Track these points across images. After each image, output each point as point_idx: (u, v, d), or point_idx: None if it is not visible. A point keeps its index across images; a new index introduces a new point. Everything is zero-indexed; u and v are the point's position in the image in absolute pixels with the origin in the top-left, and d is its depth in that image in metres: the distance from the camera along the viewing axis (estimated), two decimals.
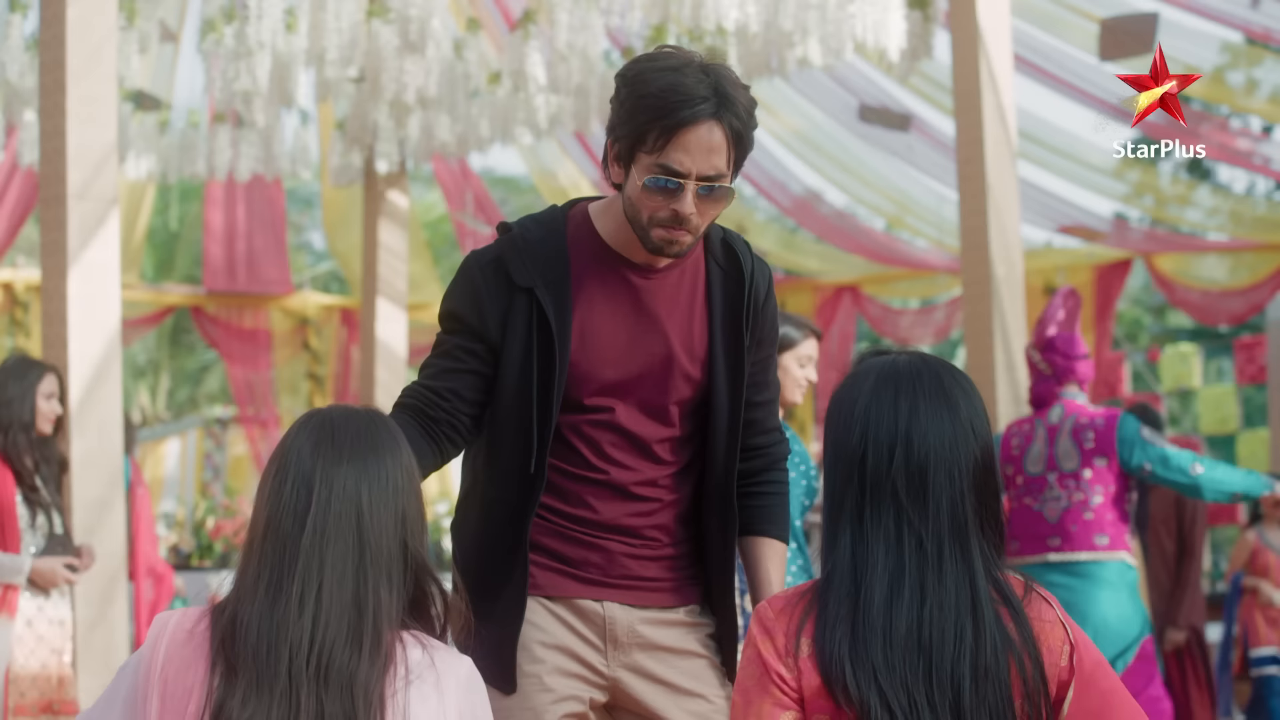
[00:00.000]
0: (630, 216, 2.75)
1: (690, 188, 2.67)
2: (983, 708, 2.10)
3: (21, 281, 11.31)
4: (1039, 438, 5.57)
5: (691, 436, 2.89)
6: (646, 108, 2.66)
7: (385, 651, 2.08)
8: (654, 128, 2.65)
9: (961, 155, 7.11)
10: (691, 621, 2.90)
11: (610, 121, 2.76)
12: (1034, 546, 5.52)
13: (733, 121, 2.67)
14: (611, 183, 2.81)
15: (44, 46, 5.97)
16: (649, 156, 2.67)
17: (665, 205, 2.69)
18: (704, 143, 2.66)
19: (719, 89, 2.66)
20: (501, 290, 2.79)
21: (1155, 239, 11.18)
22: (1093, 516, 5.43)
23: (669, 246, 2.74)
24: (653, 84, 2.66)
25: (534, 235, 2.82)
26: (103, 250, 5.88)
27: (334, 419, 2.20)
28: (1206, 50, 9.39)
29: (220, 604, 2.12)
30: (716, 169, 2.68)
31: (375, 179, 10.77)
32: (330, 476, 2.13)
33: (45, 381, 5.35)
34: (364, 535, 2.12)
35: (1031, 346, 5.69)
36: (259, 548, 2.13)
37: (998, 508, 2.21)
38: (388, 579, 2.11)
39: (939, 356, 2.30)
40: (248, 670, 2.03)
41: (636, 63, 2.74)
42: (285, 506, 2.13)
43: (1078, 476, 5.45)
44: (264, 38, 7.56)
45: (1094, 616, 5.36)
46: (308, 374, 12.49)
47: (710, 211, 2.73)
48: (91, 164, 5.88)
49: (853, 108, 10.28)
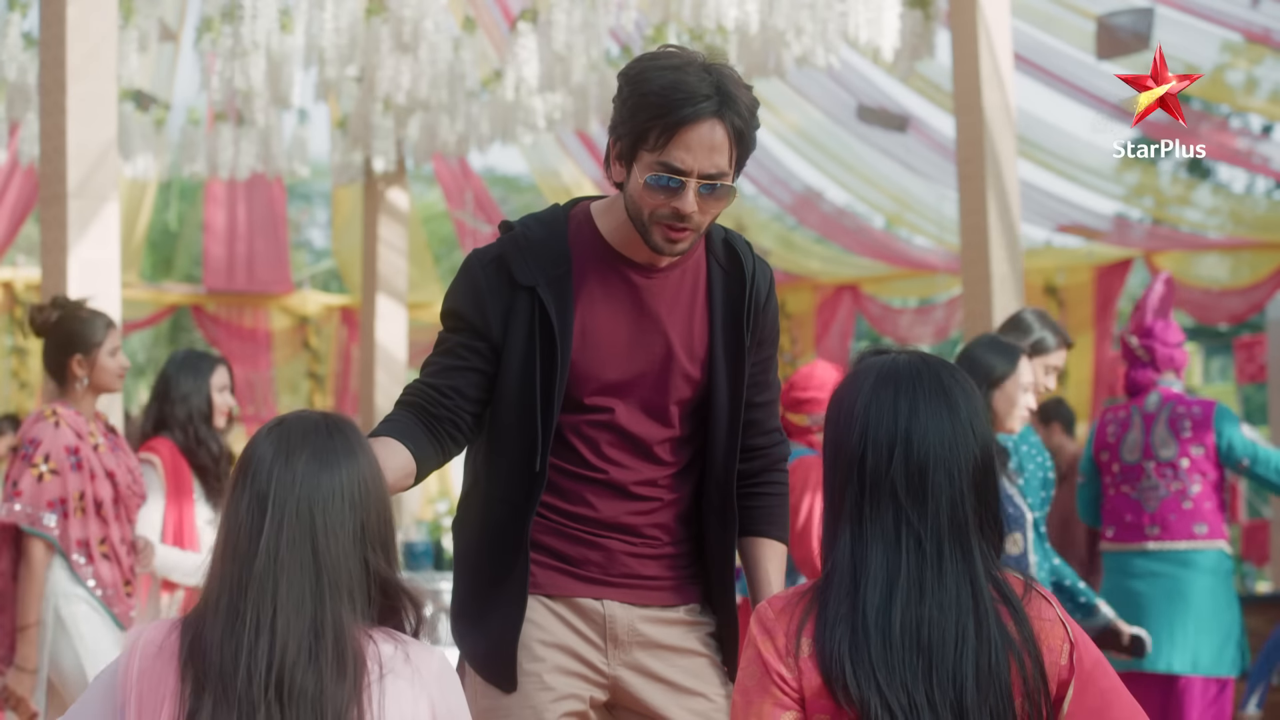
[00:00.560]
0: (632, 214, 2.75)
1: (692, 186, 2.68)
2: (984, 707, 2.10)
3: (21, 280, 11.31)
4: (1135, 425, 5.53)
5: (691, 437, 2.89)
6: (648, 106, 2.66)
7: (355, 666, 2.06)
8: (656, 126, 2.66)
9: (961, 155, 7.11)
10: (692, 620, 2.90)
11: (612, 120, 2.77)
12: (1131, 535, 5.50)
13: (734, 120, 2.68)
14: (613, 181, 2.81)
15: (44, 45, 5.98)
16: (651, 154, 2.68)
17: (667, 203, 2.69)
18: (706, 141, 2.66)
19: (721, 87, 2.67)
20: (503, 288, 2.79)
21: (1156, 237, 11.18)
22: (1191, 505, 5.42)
23: (670, 245, 2.74)
24: (655, 82, 2.67)
25: (536, 234, 2.82)
26: (102, 249, 5.88)
27: (291, 433, 2.17)
28: (1206, 48, 9.39)
29: (189, 617, 2.11)
30: (718, 167, 2.68)
31: (375, 178, 10.78)
32: (284, 498, 2.11)
33: (217, 374, 5.28)
34: (320, 558, 2.09)
35: (1129, 333, 5.63)
36: (219, 567, 2.12)
37: (997, 507, 2.22)
38: (349, 599, 2.09)
39: (939, 356, 2.30)
40: (213, 687, 2.04)
41: (639, 61, 2.74)
42: (241, 525, 2.12)
43: (1175, 465, 5.43)
44: (259, 38, 7.57)
45: (1194, 605, 5.36)
46: (308, 373, 12.49)
47: (712, 210, 2.73)
48: (91, 162, 5.88)
49: (851, 107, 10.28)
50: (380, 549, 2.15)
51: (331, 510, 2.12)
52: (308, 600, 2.07)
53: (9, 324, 11.28)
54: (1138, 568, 5.46)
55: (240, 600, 2.07)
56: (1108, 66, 8.41)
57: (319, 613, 2.07)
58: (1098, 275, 10.86)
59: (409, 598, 2.19)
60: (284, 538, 2.09)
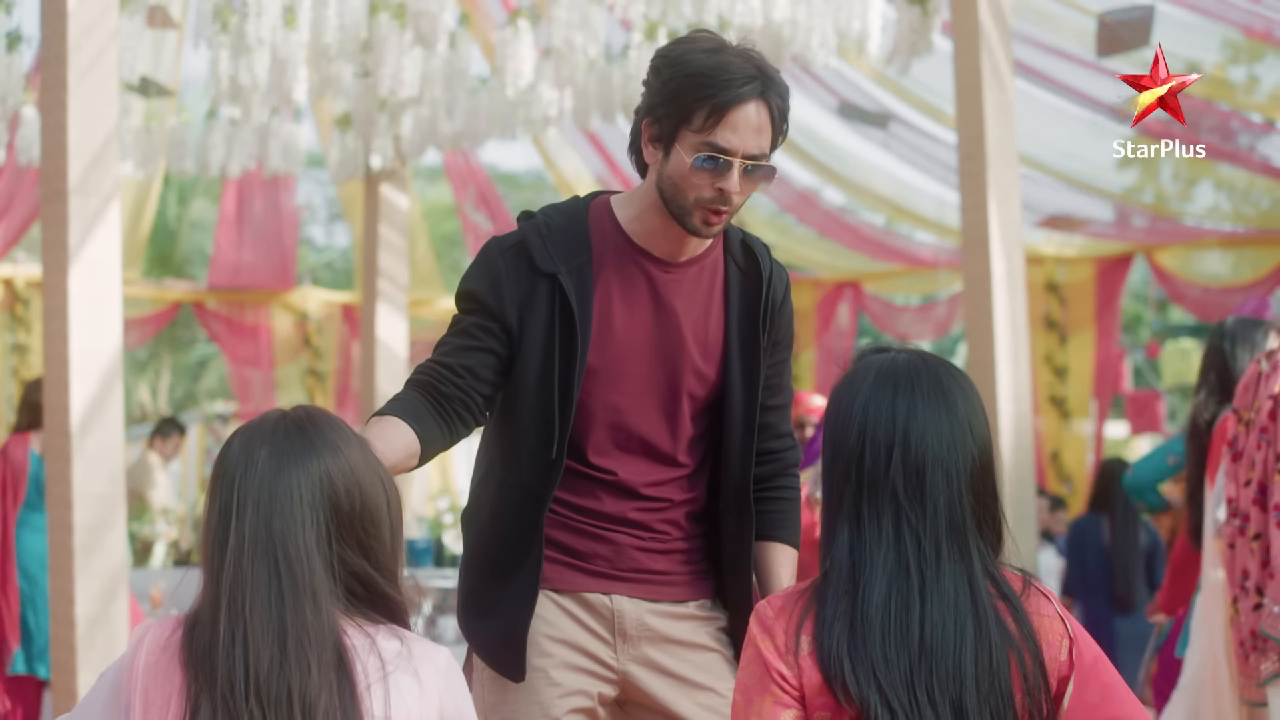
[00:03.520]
0: (668, 196, 2.75)
1: (737, 166, 2.69)
2: (984, 704, 2.10)
3: (22, 277, 11.31)
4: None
5: (703, 437, 2.89)
6: (695, 85, 2.67)
7: (338, 667, 2.05)
8: (703, 106, 2.67)
9: (963, 152, 7.11)
10: (704, 615, 2.90)
11: (648, 102, 2.76)
12: None
13: (776, 101, 2.70)
14: (642, 165, 2.80)
15: (44, 41, 5.97)
16: (697, 135, 2.69)
17: (711, 184, 2.70)
18: (752, 122, 2.68)
19: (762, 69, 2.69)
20: (523, 275, 2.78)
21: (1157, 233, 11.18)
22: None
23: (708, 228, 2.75)
24: (699, 64, 2.67)
25: (557, 222, 2.82)
26: (104, 246, 5.88)
27: (253, 437, 2.14)
28: (1206, 48, 9.39)
29: (189, 615, 2.11)
30: (761, 148, 2.70)
31: (375, 175, 10.78)
32: (244, 506, 2.08)
33: None
34: (283, 565, 2.06)
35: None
36: (203, 572, 2.11)
37: (996, 507, 2.22)
38: (318, 600, 2.06)
39: (938, 355, 2.30)
40: (208, 691, 2.04)
41: (678, 44, 2.75)
42: (212, 534, 2.10)
43: None
44: (264, 34, 7.56)
45: None
46: (309, 370, 12.49)
47: (750, 190, 2.74)
48: (92, 159, 5.88)
49: (832, 106, 10.27)
50: (356, 545, 2.11)
51: (293, 513, 2.08)
52: (275, 607, 2.05)
53: (10, 321, 11.27)
54: None
55: (216, 607, 2.06)
56: (1107, 65, 8.41)
57: (288, 618, 2.04)
58: (1098, 272, 10.87)
59: (393, 586, 2.14)
60: (246, 549, 2.06)
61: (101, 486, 5.80)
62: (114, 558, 5.84)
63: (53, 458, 5.79)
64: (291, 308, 12.47)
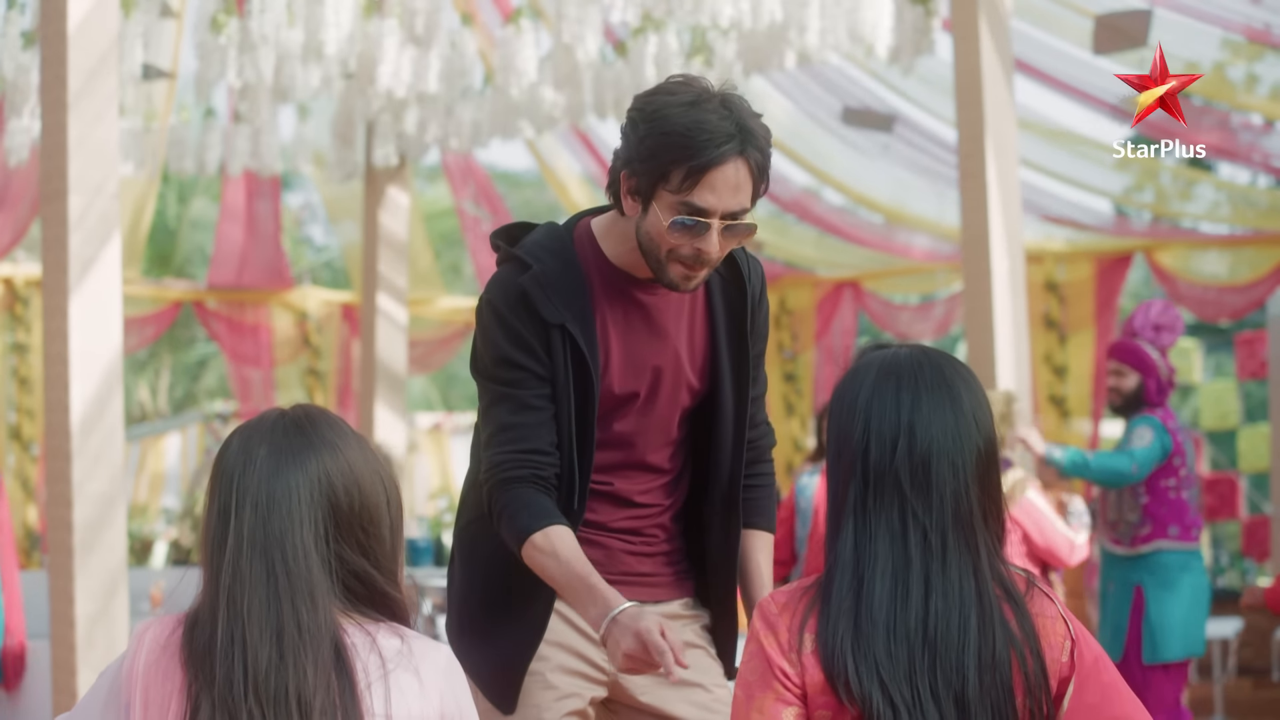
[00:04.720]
0: (646, 250, 2.71)
1: (715, 226, 2.64)
2: (985, 700, 2.10)
3: (22, 277, 11.29)
4: None
5: (686, 440, 2.89)
6: (671, 146, 2.61)
7: (338, 667, 2.04)
8: (679, 168, 2.61)
9: (962, 151, 7.12)
10: (688, 614, 2.92)
11: (626, 155, 2.70)
12: None
13: (756, 156, 2.64)
14: (623, 214, 2.76)
15: (45, 41, 5.97)
16: (673, 195, 2.64)
17: (689, 244, 2.66)
18: (730, 181, 2.62)
19: (741, 124, 2.62)
20: (537, 328, 2.74)
21: (1157, 231, 11.17)
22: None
23: (686, 283, 2.71)
24: (676, 121, 2.61)
25: (552, 268, 2.76)
26: (104, 245, 5.88)
27: (251, 437, 2.13)
28: (1206, 46, 9.38)
29: (189, 614, 2.10)
30: (741, 204, 2.65)
31: (375, 174, 10.77)
32: (242, 506, 2.08)
33: None
34: (280, 564, 2.05)
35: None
36: (202, 571, 2.11)
37: (1000, 500, 2.22)
38: (316, 600, 2.06)
39: (940, 349, 2.30)
40: (208, 692, 2.04)
41: (654, 96, 2.68)
42: (211, 533, 2.10)
43: None
44: (267, 31, 7.56)
45: None
46: (309, 369, 12.48)
47: (729, 247, 2.70)
48: (92, 159, 5.87)
49: (836, 110, 10.24)
50: (355, 544, 2.10)
51: (291, 512, 2.07)
52: (272, 606, 2.04)
53: (9, 321, 11.26)
54: None
55: (215, 606, 2.06)
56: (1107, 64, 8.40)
57: (284, 618, 2.04)
58: (1098, 271, 10.85)
59: (393, 585, 2.13)
60: (244, 548, 2.06)
61: (101, 486, 5.80)
62: (113, 556, 5.85)
63: (53, 457, 5.79)
64: (291, 307, 12.46)
